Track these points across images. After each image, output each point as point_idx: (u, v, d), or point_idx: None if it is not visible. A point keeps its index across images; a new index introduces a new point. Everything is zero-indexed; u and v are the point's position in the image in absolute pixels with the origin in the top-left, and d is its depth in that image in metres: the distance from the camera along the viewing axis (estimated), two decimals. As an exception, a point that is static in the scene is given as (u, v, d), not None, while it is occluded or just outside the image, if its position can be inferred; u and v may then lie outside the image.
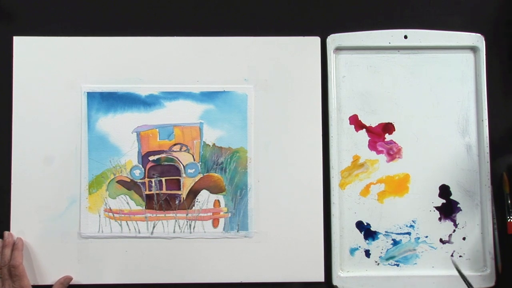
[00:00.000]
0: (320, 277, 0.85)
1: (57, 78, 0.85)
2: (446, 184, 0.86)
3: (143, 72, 0.86)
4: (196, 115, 0.86)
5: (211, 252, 0.85)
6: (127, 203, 0.85)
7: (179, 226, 0.85)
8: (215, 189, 0.85)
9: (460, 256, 0.86)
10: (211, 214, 0.85)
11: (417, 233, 0.85)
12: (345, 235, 0.85)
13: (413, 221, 0.86)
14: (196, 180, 0.85)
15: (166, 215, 0.85)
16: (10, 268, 0.81)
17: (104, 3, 0.88)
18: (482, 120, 0.86)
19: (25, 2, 0.88)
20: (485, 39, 0.87)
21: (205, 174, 0.86)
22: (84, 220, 0.84)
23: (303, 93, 0.86)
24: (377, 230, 0.86)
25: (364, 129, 0.87)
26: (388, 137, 0.86)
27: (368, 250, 0.86)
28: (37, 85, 0.85)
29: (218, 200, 0.85)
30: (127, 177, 0.85)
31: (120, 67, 0.86)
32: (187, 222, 0.85)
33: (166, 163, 0.85)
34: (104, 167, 0.85)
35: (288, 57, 0.86)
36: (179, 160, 0.85)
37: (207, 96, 0.86)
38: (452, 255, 0.85)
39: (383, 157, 0.86)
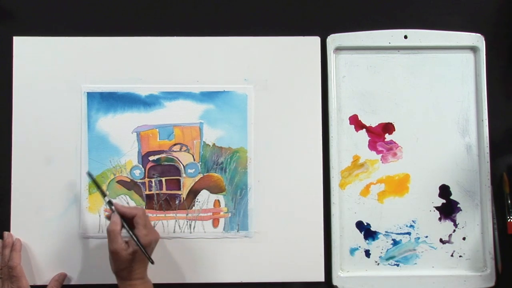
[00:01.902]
0: (320, 277, 0.85)
1: (57, 78, 0.85)
2: (446, 184, 0.86)
3: (143, 72, 0.86)
4: (196, 115, 0.86)
5: (211, 252, 0.85)
6: (127, 203, 0.85)
7: (179, 226, 0.85)
8: (215, 189, 0.85)
9: (460, 256, 0.86)
10: (211, 214, 0.85)
11: (417, 233, 0.85)
12: (345, 235, 0.85)
13: (413, 221, 0.86)
14: (196, 180, 0.85)
15: (166, 215, 0.85)
16: (9, 269, 0.80)
17: (104, 3, 0.88)
18: (482, 120, 0.86)
19: (25, 2, 0.87)
20: (485, 39, 0.87)
21: (205, 174, 0.85)
22: (84, 220, 0.84)
23: (303, 93, 0.86)
24: (377, 230, 0.86)
25: (364, 129, 0.86)
26: (388, 137, 0.86)
27: (368, 250, 0.86)
28: (37, 85, 0.85)
29: (218, 200, 0.85)
30: (127, 177, 0.85)
31: (120, 67, 0.86)
32: (187, 222, 0.85)
33: (166, 163, 0.85)
34: (104, 167, 0.85)
35: (288, 57, 0.86)
36: (179, 160, 0.85)
37: (207, 96, 0.86)
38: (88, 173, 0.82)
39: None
